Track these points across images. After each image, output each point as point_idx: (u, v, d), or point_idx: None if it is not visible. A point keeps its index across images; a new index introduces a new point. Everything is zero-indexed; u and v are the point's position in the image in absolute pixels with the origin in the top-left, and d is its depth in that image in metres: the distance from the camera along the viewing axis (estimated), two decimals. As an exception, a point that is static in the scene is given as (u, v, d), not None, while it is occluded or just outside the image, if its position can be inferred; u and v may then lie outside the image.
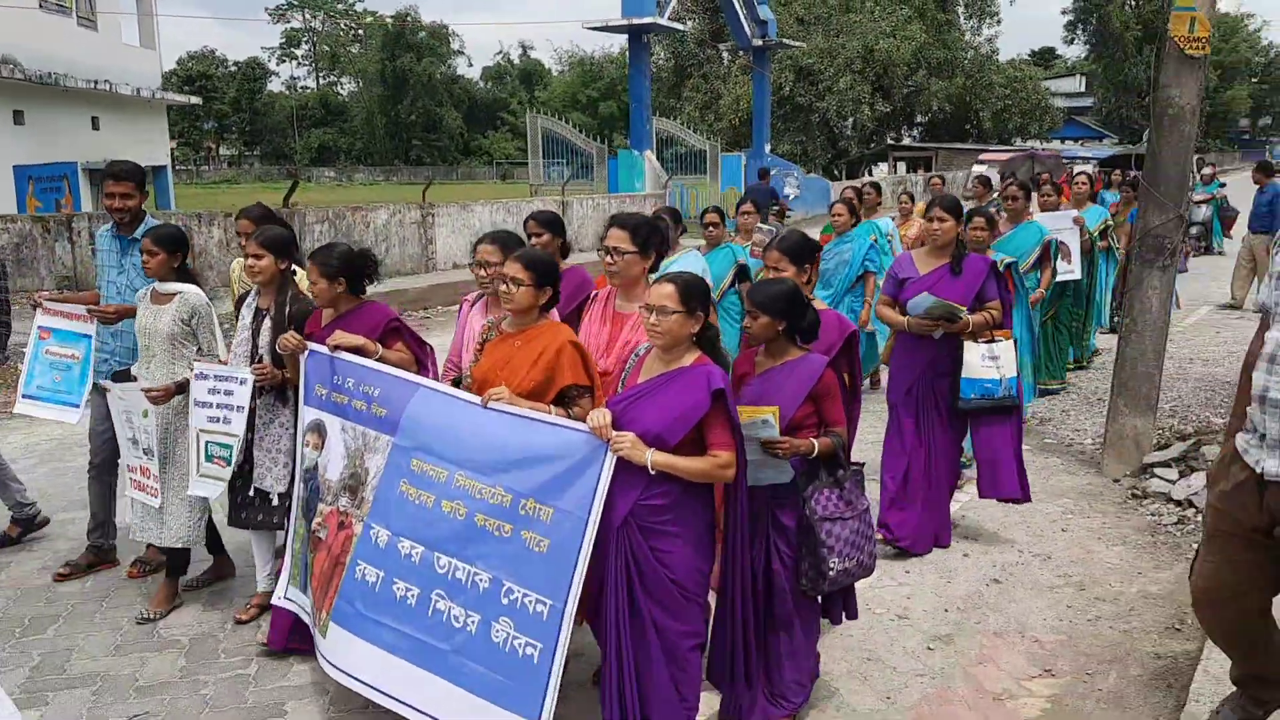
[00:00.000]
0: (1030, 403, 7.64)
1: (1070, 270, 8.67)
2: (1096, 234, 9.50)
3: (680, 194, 24.87)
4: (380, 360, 3.98)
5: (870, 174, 37.32)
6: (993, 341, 5.25)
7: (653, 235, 4.01)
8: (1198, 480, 6.05)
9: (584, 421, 3.23)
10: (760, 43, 26.54)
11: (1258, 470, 2.87)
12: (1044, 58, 58.42)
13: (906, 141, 39.39)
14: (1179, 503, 5.99)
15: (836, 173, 35.93)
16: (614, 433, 3.15)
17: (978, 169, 28.84)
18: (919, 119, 40.19)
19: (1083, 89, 54.86)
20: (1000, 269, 6.07)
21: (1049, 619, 4.65)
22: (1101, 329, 10.58)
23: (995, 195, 10.85)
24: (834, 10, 34.92)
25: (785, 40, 28.59)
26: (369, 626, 3.55)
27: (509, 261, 3.66)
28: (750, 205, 7.92)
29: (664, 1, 22.64)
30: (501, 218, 18.14)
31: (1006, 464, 5.40)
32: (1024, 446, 7.19)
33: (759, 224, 8.22)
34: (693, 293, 3.26)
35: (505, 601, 3.23)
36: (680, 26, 26.89)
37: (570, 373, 3.53)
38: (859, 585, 3.87)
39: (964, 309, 5.14)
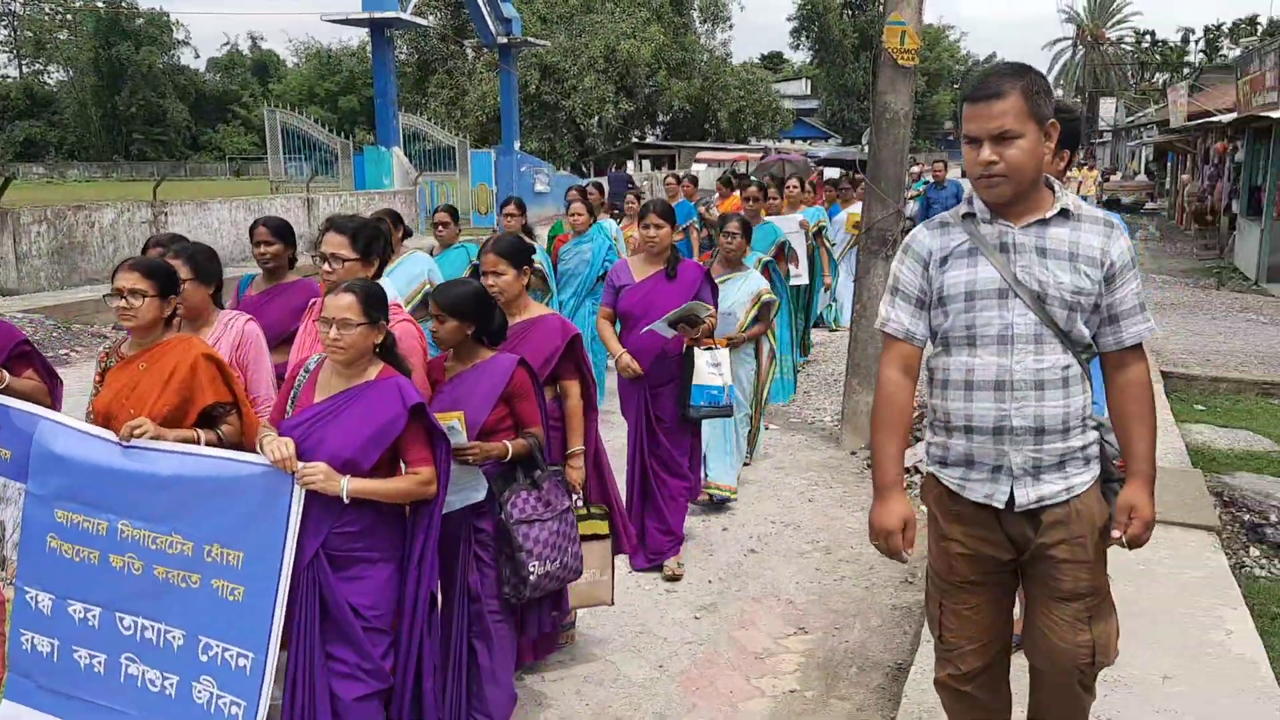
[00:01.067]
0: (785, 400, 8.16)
1: (799, 275, 8.75)
2: (813, 232, 10.16)
3: (431, 190, 24.56)
4: (7, 391, 3.44)
5: (617, 170, 38.15)
6: (713, 349, 5.17)
7: (375, 239, 3.72)
8: (920, 448, 6.70)
9: (259, 450, 2.92)
10: (505, 40, 26.58)
11: (994, 504, 2.63)
12: (773, 62, 61.73)
13: (650, 140, 40.54)
14: (907, 469, 6.62)
15: (585, 169, 36.47)
16: (300, 465, 2.87)
17: (696, 167, 29.93)
18: (661, 118, 41.45)
19: (809, 92, 58.26)
20: (759, 267, 6.22)
21: (801, 581, 5.06)
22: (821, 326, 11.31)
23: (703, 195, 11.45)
24: (576, 10, 35.47)
25: (530, 39, 28.76)
26: (54, 701, 3.18)
27: (123, 272, 3.24)
28: (514, 207, 7.65)
29: (406, -4, 22.29)
30: (243, 216, 17.30)
31: (698, 469, 5.45)
32: (773, 427, 7.77)
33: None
34: (373, 301, 3.04)
35: (204, 658, 2.96)
36: (423, 22, 26.54)
37: (210, 390, 3.21)
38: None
39: (709, 308, 5.01)
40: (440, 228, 6.82)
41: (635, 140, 39.18)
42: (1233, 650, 3.84)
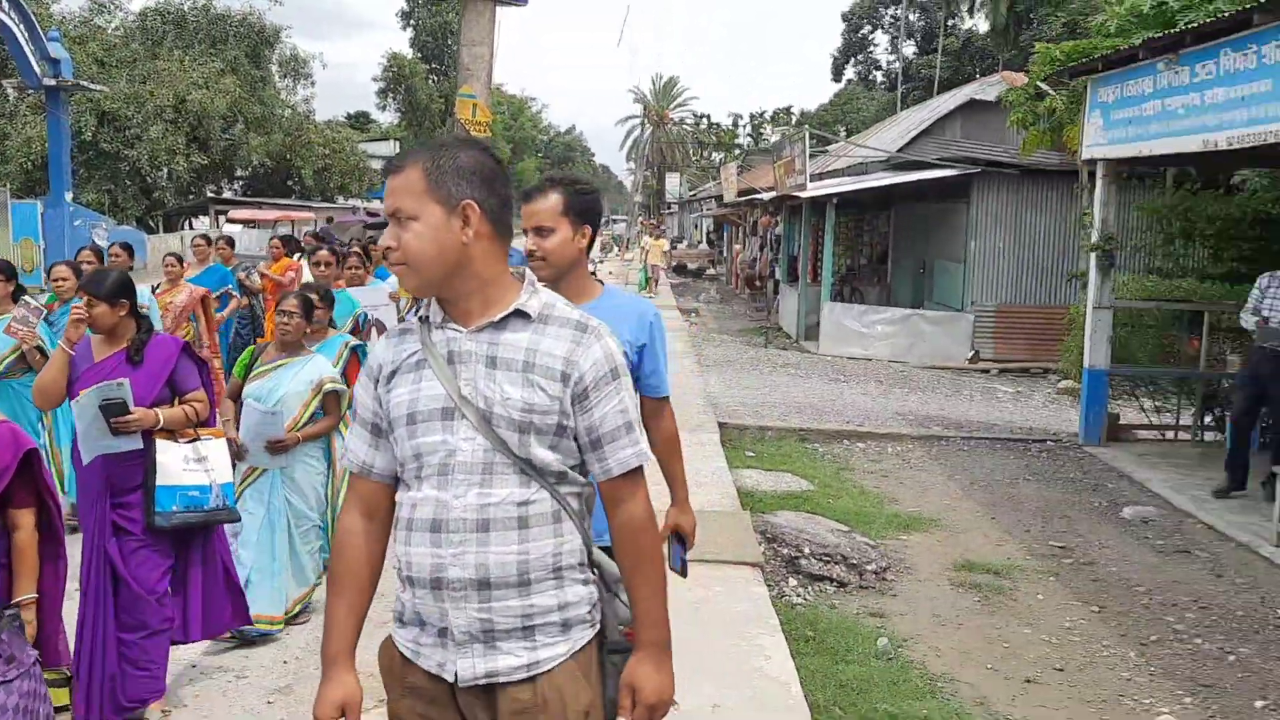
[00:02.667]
0: None
1: None
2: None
3: (-41, 245, 21.52)
4: None
5: (190, 226, 35.83)
6: (197, 440, 4.20)
7: None
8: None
9: None
10: (53, 82, 24.01)
11: (445, 677, 2.08)
12: (360, 121, 61.17)
13: (229, 195, 38.50)
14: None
15: (153, 224, 33.86)
16: None
17: (230, 228, 28.50)
18: (240, 173, 39.58)
19: (398, 153, 58.42)
20: (344, 352, 5.37)
21: (382, 652, 4.96)
22: None
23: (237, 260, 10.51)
24: (139, 55, 33.01)
25: (83, 83, 26.26)
26: None
27: None
28: (65, 268, 6.39)
29: (-74, 24, 19.53)
30: None
31: (218, 595, 4.33)
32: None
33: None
34: None
35: None
36: (-50, 54, 23.38)
37: None
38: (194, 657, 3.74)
39: (121, 383, 3.94)
40: None
41: (211, 195, 37.02)
42: (770, 674, 4.30)
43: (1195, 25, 7.76)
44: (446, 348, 2.10)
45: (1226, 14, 7.44)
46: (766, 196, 21.80)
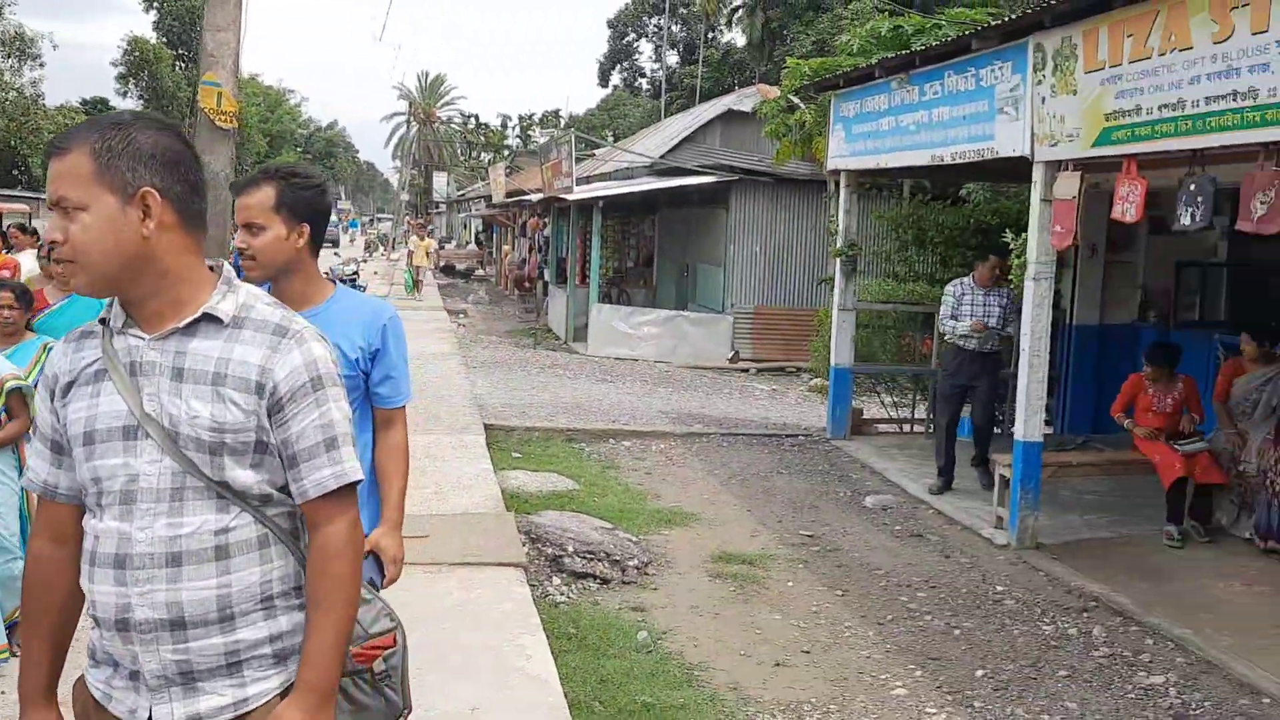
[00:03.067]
0: None
1: None
2: None
3: None
4: None
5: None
6: None
7: None
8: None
9: None
10: None
11: None
12: (97, 107, 56.79)
13: (-62, 184, 34.88)
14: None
15: None
16: None
17: None
18: (-44, 160, 36.01)
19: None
20: (43, 354, 4.61)
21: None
22: None
23: None
24: None
25: None
26: None
27: None
28: None
29: None
30: None
31: None
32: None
33: None
34: None
35: None
36: None
37: None
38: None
39: None
40: None
41: (-82, 184, 33.39)
42: (531, 673, 4.32)
43: (925, 48, 8.41)
44: (129, 357, 1.85)
45: (951, 38, 8.11)
46: (535, 198, 21.85)
